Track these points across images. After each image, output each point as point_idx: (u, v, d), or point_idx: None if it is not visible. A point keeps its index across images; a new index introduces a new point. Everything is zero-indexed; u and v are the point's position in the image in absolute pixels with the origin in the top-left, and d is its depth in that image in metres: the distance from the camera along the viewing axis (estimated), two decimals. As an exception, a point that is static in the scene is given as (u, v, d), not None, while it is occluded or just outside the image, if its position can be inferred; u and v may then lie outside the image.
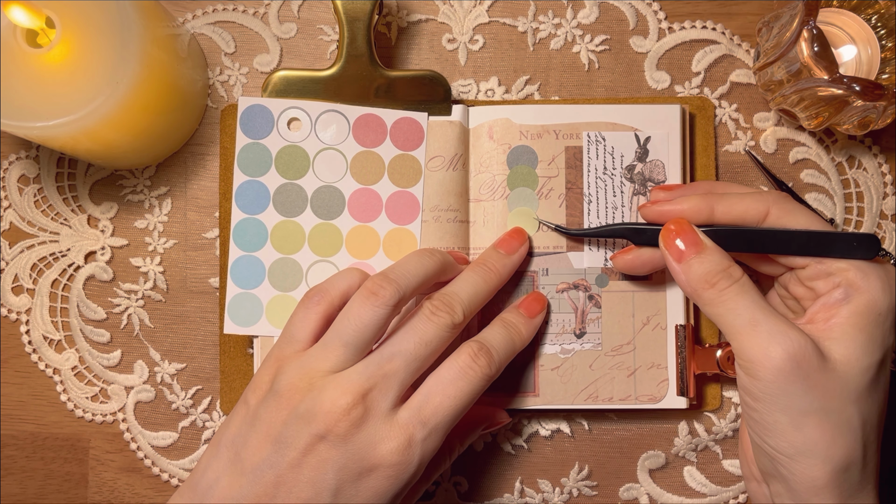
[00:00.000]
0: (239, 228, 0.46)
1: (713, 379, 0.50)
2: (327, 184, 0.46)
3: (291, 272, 0.46)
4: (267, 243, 0.46)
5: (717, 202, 0.42)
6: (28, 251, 0.50)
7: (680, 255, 0.41)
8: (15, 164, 0.50)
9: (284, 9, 0.51)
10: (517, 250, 0.46)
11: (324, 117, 0.46)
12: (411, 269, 0.41)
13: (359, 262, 0.46)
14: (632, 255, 0.45)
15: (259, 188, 0.46)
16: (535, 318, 0.45)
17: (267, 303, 0.46)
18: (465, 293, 0.42)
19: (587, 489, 0.50)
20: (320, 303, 0.41)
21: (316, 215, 0.46)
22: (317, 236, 0.46)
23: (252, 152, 0.46)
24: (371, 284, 0.40)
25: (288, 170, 0.46)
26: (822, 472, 0.38)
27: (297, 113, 0.46)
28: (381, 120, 0.47)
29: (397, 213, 0.47)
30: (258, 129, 0.46)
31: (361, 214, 0.47)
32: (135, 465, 0.50)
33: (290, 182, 0.46)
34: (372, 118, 0.46)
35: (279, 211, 0.46)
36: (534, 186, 0.48)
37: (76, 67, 0.42)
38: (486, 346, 0.41)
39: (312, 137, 0.46)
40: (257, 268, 0.46)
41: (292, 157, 0.46)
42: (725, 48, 0.51)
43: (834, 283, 0.40)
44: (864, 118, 0.46)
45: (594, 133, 0.48)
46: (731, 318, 0.39)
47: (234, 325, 0.46)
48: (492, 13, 0.51)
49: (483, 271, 0.44)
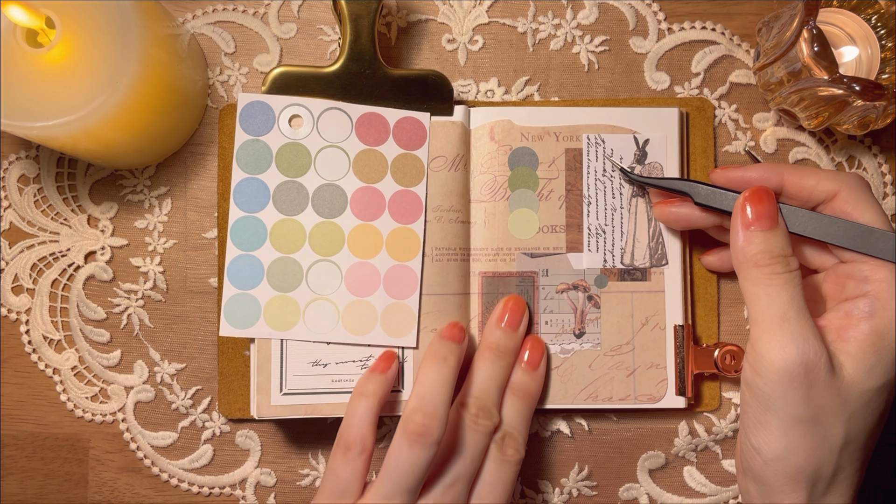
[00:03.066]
0: (237, 227, 0.45)
1: (712, 379, 0.50)
2: (329, 182, 0.45)
3: (291, 272, 0.45)
4: (266, 242, 0.45)
5: (787, 172, 0.42)
6: (28, 251, 0.50)
7: (749, 223, 0.39)
8: (15, 164, 0.50)
9: (284, 9, 0.51)
10: (521, 322, 0.46)
11: (326, 115, 0.46)
12: (438, 390, 0.41)
13: (361, 261, 0.46)
14: (676, 208, 0.45)
15: (258, 186, 0.45)
16: (539, 369, 0.46)
17: (265, 304, 0.45)
18: (493, 389, 0.44)
19: (587, 489, 0.50)
20: (363, 452, 0.40)
21: (317, 213, 0.46)
22: (318, 235, 0.46)
23: (252, 149, 0.45)
24: (414, 426, 0.39)
25: (289, 167, 0.45)
26: (791, 481, 0.38)
27: (299, 110, 0.46)
28: (383, 119, 0.46)
29: (400, 212, 0.46)
30: (259, 125, 0.45)
31: (364, 213, 0.46)
32: (135, 465, 0.50)
33: (290, 180, 0.45)
34: (375, 117, 0.46)
35: (279, 209, 0.45)
36: (534, 188, 0.48)
37: (76, 67, 0.41)
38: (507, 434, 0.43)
39: (314, 135, 0.46)
40: (255, 268, 0.45)
41: (294, 155, 0.45)
42: (725, 48, 0.51)
43: (862, 291, 0.39)
44: (864, 118, 0.46)
45: (594, 135, 0.48)
46: (766, 304, 0.38)
47: (231, 328, 0.45)
48: (491, 13, 0.51)
49: (501, 359, 0.45)
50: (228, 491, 0.50)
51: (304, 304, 0.45)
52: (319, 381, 0.46)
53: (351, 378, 0.46)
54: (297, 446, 0.50)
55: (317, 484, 0.50)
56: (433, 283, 0.47)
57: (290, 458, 0.50)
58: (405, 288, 0.46)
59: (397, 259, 0.46)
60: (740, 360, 0.47)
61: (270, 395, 0.46)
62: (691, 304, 0.49)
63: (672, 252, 0.48)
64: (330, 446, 0.50)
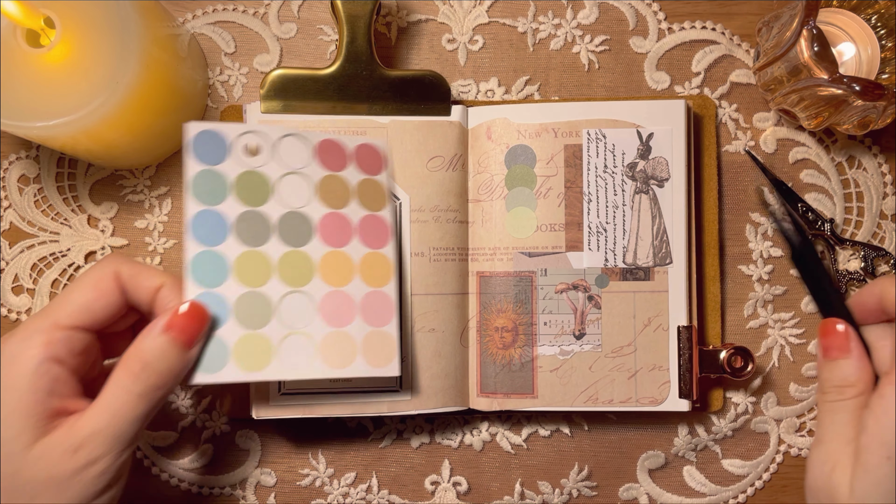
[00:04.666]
0: (197, 263, 0.41)
1: (716, 381, 0.49)
2: (293, 209, 0.43)
3: (260, 307, 0.41)
4: (229, 277, 0.41)
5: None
6: (28, 251, 0.50)
7: (824, 353, 0.42)
8: (15, 164, 0.50)
9: (284, 9, 0.51)
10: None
11: (284, 141, 0.43)
12: None
13: (335, 289, 0.43)
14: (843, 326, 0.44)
15: (216, 218, 0.41)
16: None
17: (233, 345, 0.40)
18: None
19: (587, 489, 0.50)
20: None
21: (284, 243, 0.42)
22: (286, 265, 0.42)
23: (206, 180, 0.42)
24: None
25: (249, 197, 0.42)
26: None
27: (255, 138, 0.43)
28: (341, 147, 0.45)
29: (370, 236, 0.44)
30: (212, 155, 0.42)
31: (333, 239, 0.44)
32: (135, 464, 0.50)
33: (251, 209, 0.42)
34: (332, 145, 0.44)
35: (242, 240, 0.42)
36: (532, 186, 0.48)
37: (76, 67, 0.42)
38: None
39: (273, 162, 0.43)
40: (219, 306, 0.40)
41: (252, 183, 0.42)
42: (725, 48, 0.51)
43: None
44: (864, 118, 0.46)
45: (594, 130, 0.48)
46: (818, 424, 0.42)
47: (203, 374, 0.40)
48: (491, 13, 0.51)
49: None
50: (228, 491, 0.50)
51: (277, 341, 0.41)
52: (318, 381, 0.46)
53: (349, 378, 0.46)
54: (297, 446, 0.50)
55: (317, 484, 0.50)
56: (431, 282, 0.47)
57: (290, 458, 0.50)
58: (383, 314, 0.44)
59: (372, 285, 0.44)
60: (748, 362, 0.47)
61: (269, 396, 0.46)
62: (697, 304, 0.49)
63: (677, 251, 0.47)
64: (330, 446, 0.50)
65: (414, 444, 0.51)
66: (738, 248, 0.51)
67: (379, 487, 0.50)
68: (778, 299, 0.51)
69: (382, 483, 0.50)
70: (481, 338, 0.48)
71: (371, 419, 0.50)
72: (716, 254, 0.50)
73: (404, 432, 0.51)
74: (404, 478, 0.51)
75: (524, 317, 0.47)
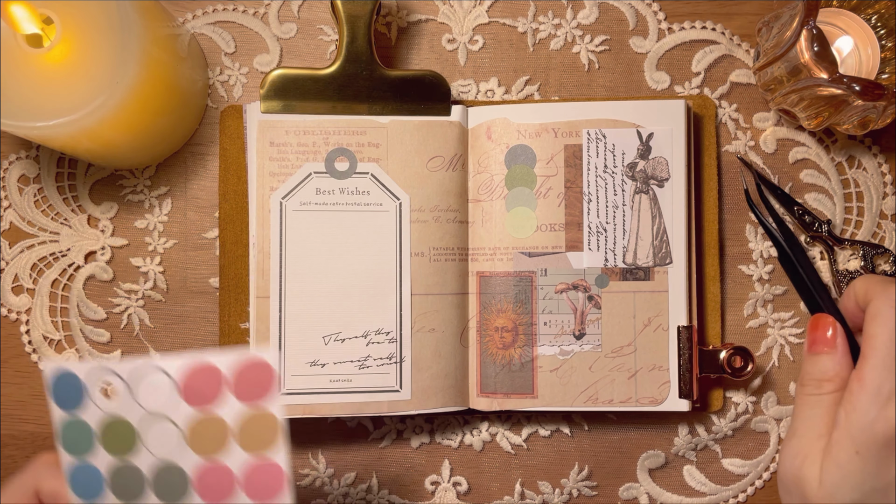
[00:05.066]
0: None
1: (715, 381, 0.49)
2: (164, 460, 0.37)
3: None
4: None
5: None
6: (28, 251, 0.50)
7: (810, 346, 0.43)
8: (15, 164, 0.50)
9: (284, 9, 0.51)
10: None
11: (140, 378, 0.36)
12: None
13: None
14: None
15: (90, 472, 0.37)
16: None
17: None
18: None
19: (587, 489, 0.50)
20: None
21: (160, 499, 0.37)
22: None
23: (73, 429, 0.37)
24: None
25: (115, 447, 0.37)
26: None
27: (110, 376, 0.37)
28: (215, 372, 0.36)
29: (260, 488, 0.36)
30: (72, 399, 0.36)
31: (212, 495, 0.36)
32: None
33: (122, 461, 0.37)
34: (204, 372, 0.36)
35: (119, 496, 0.37)
36: (532, 186, 0.48)
37: (76, 67, 0.42)
38: None
39: (132, 404, 0.36)
40: None
41: (116, 431, 0.37)
42: (725, 48, 0.51)
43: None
44: (864, 118, 0.46)
45: (594, 130, 0.48)
46: (794, 416, 0.42)
47: None
48: (492, 13, 0.51)
49: None
50: (228, 491, 0.50)
51: None
52: (317, 381, 0.46)
53: (349, 378, 0.46)
54: (297, 446, 0.50)
55: (317, 484, 0.50)
56: (431, 282, 0.47)
57: (291, 458, 0.50)
58: None
59: None
60: (748, 362, 0.47)
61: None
62: (697, 304, 0.49)
63: (677, 251, 0.47)
64: (329, 446, 0.50)
65: (414, 444, 0.51)
66: (737, 247, 0.51)
67: (379, 487, 0.50)
68: (778, 299, 0.51)
69: (382, 483, 0.50)
70: (481, 338, 0.48)
71: (371, 419, 0.50)
72: (716, 254, 0.50)
73: (404, 432, 0.51)
74: (404, 478, 0.51)
75: (524, 317, 0.47)
